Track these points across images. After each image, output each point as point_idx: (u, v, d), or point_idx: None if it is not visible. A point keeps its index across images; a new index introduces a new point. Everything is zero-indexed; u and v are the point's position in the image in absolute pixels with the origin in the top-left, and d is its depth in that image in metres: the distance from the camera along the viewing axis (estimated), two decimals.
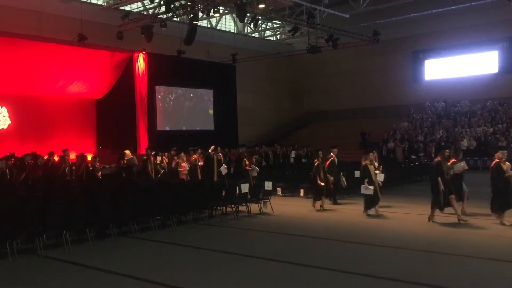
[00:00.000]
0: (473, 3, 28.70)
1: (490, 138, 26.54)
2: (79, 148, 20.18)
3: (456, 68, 33.24)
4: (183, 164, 15.16)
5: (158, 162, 16.51)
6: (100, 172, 14.63)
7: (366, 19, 30.00)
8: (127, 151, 15.32)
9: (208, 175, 15.61)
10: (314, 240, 9.52)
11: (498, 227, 10.11)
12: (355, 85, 36.39)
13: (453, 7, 29.92)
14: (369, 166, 12.00)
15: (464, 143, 26.95)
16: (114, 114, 23.68)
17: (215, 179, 15.22)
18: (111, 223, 9.56)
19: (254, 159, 16.59)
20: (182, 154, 15.67)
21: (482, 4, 28.48)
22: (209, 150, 16.52)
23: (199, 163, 15.96)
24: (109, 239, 9.47)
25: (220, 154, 16.46)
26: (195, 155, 16.05)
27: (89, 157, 16.97)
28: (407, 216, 11.86)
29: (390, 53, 34.42)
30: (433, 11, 30.13)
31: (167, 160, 16.96)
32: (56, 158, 16.28)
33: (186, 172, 15.07)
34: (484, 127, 27.87)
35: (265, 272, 7.35)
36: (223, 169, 15.88)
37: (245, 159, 16.14)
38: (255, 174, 15.61)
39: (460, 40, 32.27)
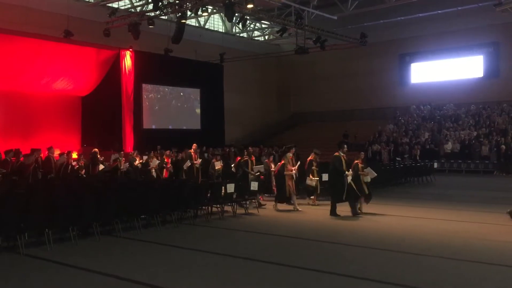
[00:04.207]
0: (459, 8, 29.06)
1: (473, 141, 26.89)
2: (63, 146, 19.97)
3: (442, 72, 33.62)
4: (290, 167, 13.32)
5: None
6: (83, 170, 14.49)
7: (354, 22, 30.18)
8: (96, 150, 15.08)
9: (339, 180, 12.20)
10: (299, 241, 9.53)
11: (483, 229, 10.21)
12: (342, 87, 36.58)
13: (439, 12, 30.26)
14: None
15: (449, 146, 27.28)
16: (100, 111, 23.46)
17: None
18: (94, 221, 9.47)
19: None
20: (290, 155, 13.51)
21: (468, 9, 28.84)
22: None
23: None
24: (92, 238, 9.37)
25: (344, 155, 12.42)
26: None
27: (74, 155, 16.83)
28: (392, 218, 11.91)
29: (377, 55, 34.66)
30: (420, 15, 30.44)
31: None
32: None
33: (294, 176, 13.26)
34: (469, 131, 28.23)
35: (249, 272, 7.33)
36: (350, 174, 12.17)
37: (358, 161, 12.50)
38: (369, 180, 12.42)
39: (446, 44, 32.64)
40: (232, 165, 15.25)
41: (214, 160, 16.43)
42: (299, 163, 14.01)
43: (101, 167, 15.33)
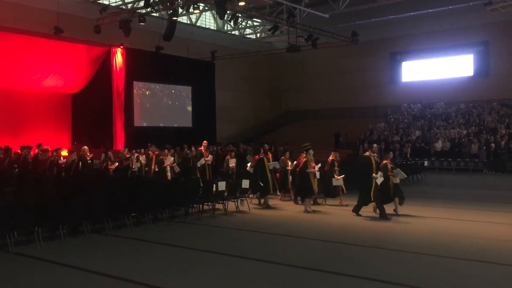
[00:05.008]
0: (450, 7, 29.21)
1: (463, 140, 27.07)
2: (53, 143, 19.81)
3: (433, 70, 33.80)
4: (313, 165, 12.72)
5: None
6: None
7: (346, 20, 30.23)
8: (85, 147, 14.92)
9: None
10: (290, 239, 9.53)
11: (472, 228, 10.28)
12: (334, 85, 36.67)
13: (430, 10, 30.40)
14: None
15: (439, 144, 27.44)
16: (91, 109, 23.30)
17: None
18: (84, 219, 9.41)
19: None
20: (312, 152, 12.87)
21: (459, 8, 29.00)
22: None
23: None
24: (82, 236, 9.32)
25: (374, 155, 11.75)
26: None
27: (64, 152, 16.71)
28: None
29: (368, 54, 34.77)
30: (411, 13, 30.54)
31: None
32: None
33: (316, 175, 12.67)
34: (459, 129, 28.43)
35: (241, 270, 7.33)
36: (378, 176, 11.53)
37: (386, 161, 11.96)
38: (398, 181, 11.87)
39: (436, 43, 32.82)
40: (249, 163, 14.88)
41: (228, 157, 16.14)
42: (295, 162, 14.00)
43: (115, 165, 15.27)
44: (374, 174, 11.35)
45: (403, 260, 7.79)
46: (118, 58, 23.47)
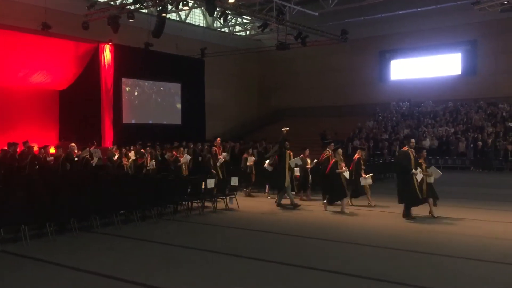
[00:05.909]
0: (439, 6, 29.40)
1: (451, 138, 27.31)
2: (41, 140, 19.64)
3: (421, 69, 34.03)
4: (342, 165, 12.36)
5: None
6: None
7: (335, 18, 30.31)
8: (73, 144, 14.78)
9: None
10: (279, 236, 9.55)
11: (466, 225, 10.34)
12: (323, 83, 36.77)
13: (419, 9, 30.56)
14: None
15: (427, 142, 27.64)
16: (79, 106, 23.12)
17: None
18: (72, 217, 9.32)
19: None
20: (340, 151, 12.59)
21: (447, 7, 29.20)
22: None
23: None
24: (69, 234, 9.24)
25: (412, 150, 11.15)
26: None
27: (52, 150, 16.56)
28: (372, 213, 12.02)
29: (358, 52, 34.89)
30: (400, 12, 30.69)
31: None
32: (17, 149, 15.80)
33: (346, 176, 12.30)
34: (446, 127, 28.68)
35: (229, 268, 7.31)
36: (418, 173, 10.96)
37: (420, 160, 11.33)
38: (433, 181, 11.23)
39: (425, 41, 33.04)
40: (267, 161, 14.63)
41: (246, 155, 15.90)
42: (315, 160, 14.16)
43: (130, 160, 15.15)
44: (413, 170, 10.76)
45: (400, 259, 7.81)
46: (107, 54, 23.32)
